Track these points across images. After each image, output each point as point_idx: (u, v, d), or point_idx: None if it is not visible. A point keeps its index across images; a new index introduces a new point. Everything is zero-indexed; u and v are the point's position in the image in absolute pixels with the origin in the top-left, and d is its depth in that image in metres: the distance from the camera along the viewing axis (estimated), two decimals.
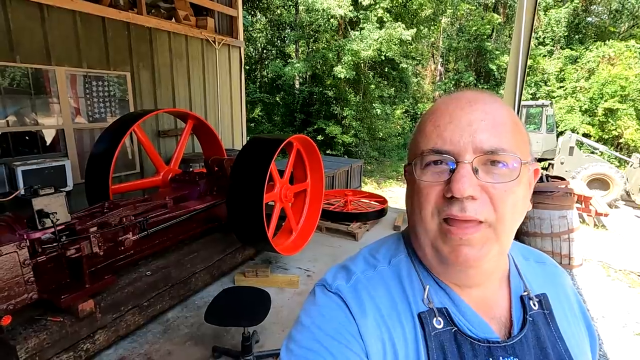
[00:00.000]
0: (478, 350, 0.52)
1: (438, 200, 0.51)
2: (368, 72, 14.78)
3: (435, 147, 0.52)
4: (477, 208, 0.49)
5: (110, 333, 2.47)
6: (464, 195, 0.48)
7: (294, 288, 3.37)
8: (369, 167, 14.54)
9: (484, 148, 0.50)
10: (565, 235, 3.94)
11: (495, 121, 0.51)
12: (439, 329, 0.53)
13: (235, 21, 6.75)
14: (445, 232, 0.51)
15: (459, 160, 0.50)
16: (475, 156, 0.50)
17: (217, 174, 3.81)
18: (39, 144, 4.24)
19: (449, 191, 0.49)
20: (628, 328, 3.07)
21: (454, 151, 0.50)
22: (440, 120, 0.53)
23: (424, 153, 0.53)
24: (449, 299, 0.56)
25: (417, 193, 0.54)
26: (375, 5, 12.92)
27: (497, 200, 0.50)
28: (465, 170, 0.49)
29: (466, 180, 0.48)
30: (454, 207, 0.49)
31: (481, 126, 0.50)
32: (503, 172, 0.50)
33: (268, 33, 17.05)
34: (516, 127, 0.53)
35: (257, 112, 16.01)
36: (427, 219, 0.53)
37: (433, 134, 0.53)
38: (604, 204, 7.01)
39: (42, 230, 1.96)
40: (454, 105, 0.53)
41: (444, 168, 0.51)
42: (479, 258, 0.51)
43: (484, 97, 0.54)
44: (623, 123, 14.50)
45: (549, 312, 0.59)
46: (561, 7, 17.28)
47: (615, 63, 15.15)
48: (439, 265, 0.55)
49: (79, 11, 4.27)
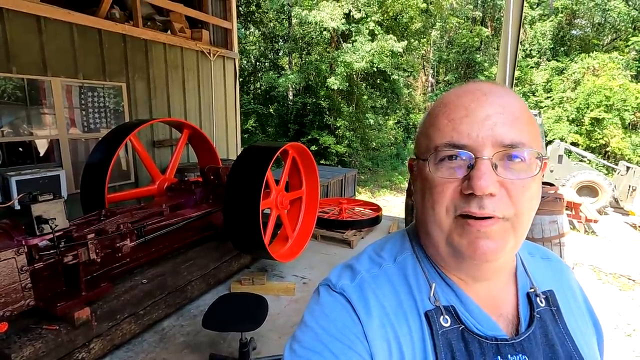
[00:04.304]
0: (486, 348, 0.52)
1: (454, 196, 0.50)
2: (360, 83, 15.02)
3: (452, 141, 0.49)
4: (495, 204, 0.48)
5: (105, 342, 2.44)
6: (485, 193, 0.47)
7: (290, 295, 3.37)
8: (362, 177, 14.64)
9: (504, 142, 0.48)
10: (556, 239, 4.02)
11: (514, 114, 0.49)
12: (446, 327, 0.52)
13: (229, 33, 6.86)
14: (462, 225, 0.50)
15: (477, 156, 0.48)
16: (495, 151, 0.48)
17: (213, 182, 3.83)
18: (33, 155, 4.23)
19: (469, 188, 0.47)
20: (619, 329, 3.12)
21: (472, 146, 0.48)
22: (455, 113, 0.50)
23: (438, 148, 0.50)
24: (455, 296, 0.55)
25: (430, 189, 0.52)
26: (367, 18, 13.23)
27: (516, 196, 0.48)
28: (486, 166, 0.47)
29: (487, 177, 0.46)
30: (472, 204, 0.48)
31: (500, 119, 0.48)
32: (520, 167, 0.49)
33: (261, 46, 17.28)
34: (531, 119, 0.52)
35: (250, 123, 16.10)
36: (442, 215, 0.51)
37: (448, 127, 0.50)
38: (593, 211, 7.15)
39: (40, 237, 1.96)
40: (468, 98, 0.51)
41: (461, 163, 0.49)
42: (497, 251, 0.49)
43: (498, 89, 0.52)
44: (609, 132, 14.89)
45: (556, 308, 0.59)
46: (546, 20, 17.86)
47: (600, 74, 15.63)
48: (453, 260, 0.54)
49: (76, 23, 4.32)
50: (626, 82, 15.05)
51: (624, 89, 14.77)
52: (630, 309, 3.50)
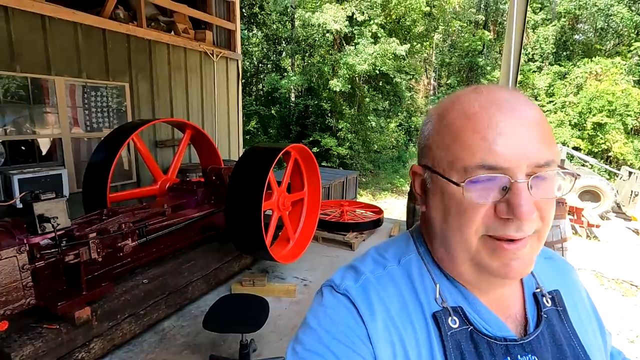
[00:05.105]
0: (496, 349, 0.51)
1: (487, 219, 0.47)
2: (363, 85, 15.04)
3: (487, 163, 0.46)
4: (531, 225, 0.47)
5: (105, 342, 2.43)
6: (527, 219, 0.45)
7: (291, 297, 3.36)
8: (364, 179, 14.63)
9: (539, 163, 0.46)
10: (558, 244, 4.00)
11: (544, 131, 0.48)
12: (455, 329, 0.52)
13: (233, 34, 6.88)
14: (493, 247, 0.48)
15: (514, 179, 0.45)
16: (529, 172, 0.46)
17: (215, 183, 3.83)
18: (36, 153, 4.24)
19: (508, 213, 0.46)
20: (622, 335, 3.10)
21: (510, 168, 0.45)
22: (486, 131, 0.46)
23: (469, 169, 0.47)
24: (462, 297, 0.55)
25: (458, 210, 0.49)
26: (370, 21, 13.26)
27: (546, 212, 0.48)
28: (525, 190, 0.45)
29: (528, 202, 0.45)
30: (509, 227, 0.46)
31: (533, 137, 0.46)
32: (547, 185, 0.48)
33: (264, 47, 17.32)
34: (551, 129, 0.50)
35: (252, 125, 16.12)
36: (470, 236, 0.49)
37: (480, 147, 0.46)
38: (595, 216, 7.13)
39: (42, 235, 1.96)
40: (495, 111, 0.47)
41: (495, 186, 0.47)
42: (528, 269, 0.50)
43: (520, 99, 0.49)
44: (611, 137, 14.87)
45: (562, 308, 0.58)
46: (549, 25, 17.87)
47: (602, 79, 15.63)
48: (476, 277, 0.52)
49: (80, 23, 4.34)
50: (629, 87, 15.03)
51: (627, 94, 14.76)
52: (633, 315, 3.48)
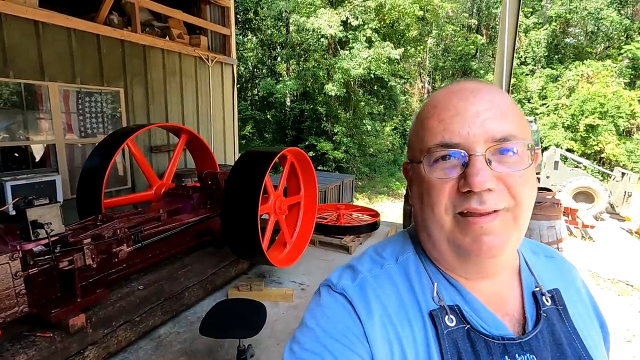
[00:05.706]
0: (493, 348, 0.51)
1: (452, 195, 0.50)
2: (358, 89, 15.10)
3: (443, 141, 0.50)
4: (495, 199, 0.48)
5: (100, 350, 2.39)
6: (483, 189, 0.47)
7: (288, 302, 3.34)
8: (360, 183, 14.64)
9: (496, 137, 0.48)
10: (554, 245, 4.02)
11: (502, 109, 0.50)
12: (452, 327, 0.51)
13: (228, 40, 6.90)
14: (464, 223, 0.50)
15: (470, 153, 0.48)
16: (487, 147, 0.48)
17: (211, 188, 3.81)
18: (29, 160, 4.20)
19: (466, 185, 0.48)
20: (619, 335, 3.11)
21: (465, 144, 0.49)
22: (445, 113, 0.51)
23: (431, 149, 0.51)
24: (460, 296, 0.55)
25: (427, 190, 0.52)
26: (364, 25, 13.34)
27: (515, 188, 0.49)
28: (480, 162, 0.47)
29: (484, 173, 0.47)
30: (472, 200, 0.48)
31: (489, 115, 0.49)
32: (514, 160, 0.49)
33: (259, 52, 17.36)
34: (519, 113, 0.53)
35: (248, 129, 16.11)
36: (441, 215, 0.51)
37: (439, 128, 0.50)
38: (590, 217, 7.18)
39: (35, 242, 1.93)
40: (456, 97, 0.51)
41: (455, 162, 0.50)
42: (502, 246, 0.49)
43: (483, 86, 0.53)
44: (604, 138, 15.05)
45: (562, 307, 0.58)
46: (540, 29, 18.11)
47: (594, 81, 15.84)
48: (457, 260, 0.54)
49: (74, 28, 4.32)
50: (620, 90, 15.26)
51: (618, 96, 14.97)
52: (629, 314, 3.50)
